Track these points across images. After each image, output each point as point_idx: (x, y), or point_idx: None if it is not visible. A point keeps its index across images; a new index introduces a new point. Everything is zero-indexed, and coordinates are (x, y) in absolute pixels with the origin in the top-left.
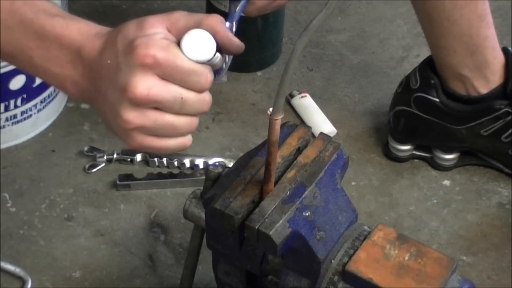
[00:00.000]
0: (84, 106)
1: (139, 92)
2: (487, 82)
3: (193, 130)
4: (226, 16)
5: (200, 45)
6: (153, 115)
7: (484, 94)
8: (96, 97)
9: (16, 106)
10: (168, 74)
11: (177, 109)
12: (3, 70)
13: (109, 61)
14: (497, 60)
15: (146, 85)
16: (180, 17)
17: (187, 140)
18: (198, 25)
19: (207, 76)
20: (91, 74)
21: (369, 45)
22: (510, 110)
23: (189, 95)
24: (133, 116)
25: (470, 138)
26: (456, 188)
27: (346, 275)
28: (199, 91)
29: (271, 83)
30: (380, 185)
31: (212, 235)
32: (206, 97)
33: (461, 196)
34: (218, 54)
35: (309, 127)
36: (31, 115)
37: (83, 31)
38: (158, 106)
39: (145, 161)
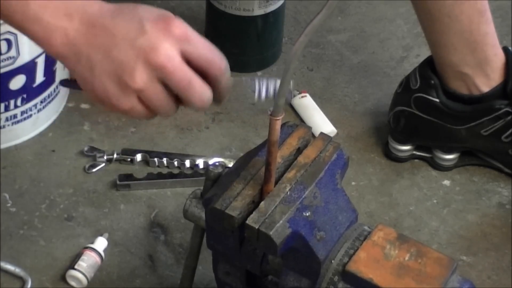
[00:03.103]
0: (84, 106)
1: (161, 58)
2: (488, 80)
3: (171, 115)
4: (226, 15)
5: None
6: (157, 87)
7: (485, 93)
8: (89, 52)
9: (16, 106)
10: (191, 53)
11: (178, 89)
12: (3, 70)
13: (129, 24)
14: (498, 57)
15: (169, 54)
16: None
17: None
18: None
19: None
20: (91, 30)
21: (369, 45)
22: (510, 110)
23: (196, 82)
24: (143, 77)
25: (470, 138)
26: (456, 188)
27: (346, 275)
28: (210, 83)
29: None
30: (380, 185)
31: (212, 235)
32: (208, 92)
33: (461, 196)
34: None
35: (309, 127)
36: (31, 115)
37: None
38: (165, 78)
39: (145, 161)
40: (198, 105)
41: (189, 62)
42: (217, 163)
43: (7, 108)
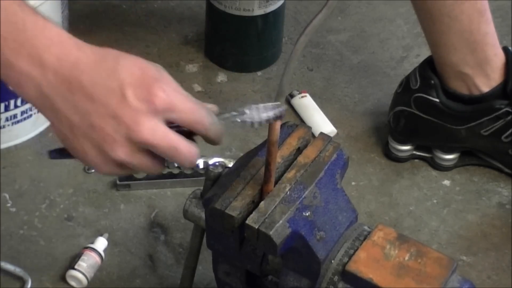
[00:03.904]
0: None
1: (144, 134)
2: (488, 80)
3: (159, 173)
4: (226, 15)
5: None
6: (141, 158)
7: (485, 93)
8: (66, 110)
9: (16, 106)
10: (174, 119)
11: (165, 156)
12: None
13: (108, 87)
14: (498, 57)
15: (152, 128)
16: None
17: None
18: None
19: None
20: (67, 86)
21: (369, 45)
22: (510, 110)
23: (182, 147)
24: (125, 151)
25: (470, 138)
26: (456, 188)
27: (346, 275)
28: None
29: (271, 83)
30: (380, 185)
31: (212, 235)
32: (195, 151)
33: (461, 196)
34: None
35: (309, 127)
36: (31, 115)
37: (63, 38)
38: (150, 149)
39: None
40: (187, 165)
41: (173, 123)
42: (217, 163)
43: (7, 108)
